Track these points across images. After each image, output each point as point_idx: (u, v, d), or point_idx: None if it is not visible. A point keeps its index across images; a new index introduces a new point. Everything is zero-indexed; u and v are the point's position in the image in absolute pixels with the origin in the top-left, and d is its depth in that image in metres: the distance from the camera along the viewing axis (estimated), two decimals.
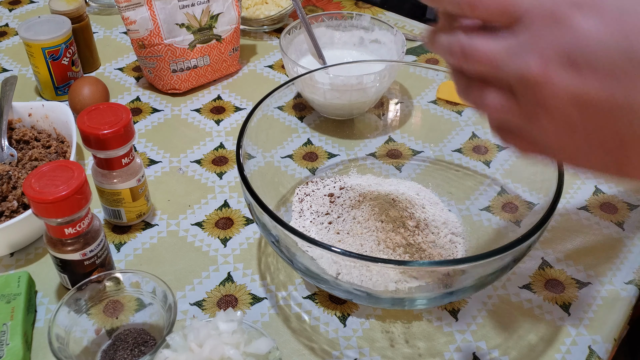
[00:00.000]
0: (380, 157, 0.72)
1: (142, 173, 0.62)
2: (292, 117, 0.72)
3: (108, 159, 0.59)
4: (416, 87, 0.74)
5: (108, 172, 0.60)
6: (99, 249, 0.55)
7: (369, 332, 0.55)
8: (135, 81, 0.88)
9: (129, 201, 0.62)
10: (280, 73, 0.89)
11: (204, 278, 0.60)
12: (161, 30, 0.79)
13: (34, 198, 0.49)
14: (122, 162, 0.59)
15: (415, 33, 0.98)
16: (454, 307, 0.57)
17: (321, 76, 0.69)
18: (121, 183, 0.60)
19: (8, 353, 0.50)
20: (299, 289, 0.59)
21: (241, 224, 0.66)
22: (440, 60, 0.91)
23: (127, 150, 0.59)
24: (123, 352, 0.51)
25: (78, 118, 0.58)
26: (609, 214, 0.66)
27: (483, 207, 0.64)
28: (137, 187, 0.62)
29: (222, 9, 0.83)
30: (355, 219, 0.59)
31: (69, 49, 0.80)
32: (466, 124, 0.70)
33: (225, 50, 0.85)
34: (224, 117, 0.81)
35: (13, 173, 0.64)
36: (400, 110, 0.75)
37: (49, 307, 0.58)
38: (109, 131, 0.56)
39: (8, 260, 0.62)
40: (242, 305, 0.58)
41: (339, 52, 0.84)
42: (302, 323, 0.56)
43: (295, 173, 0.69)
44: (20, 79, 0.87)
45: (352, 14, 0.84)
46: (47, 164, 0.52)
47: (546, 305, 0.57)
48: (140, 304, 0.53)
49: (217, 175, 0.72)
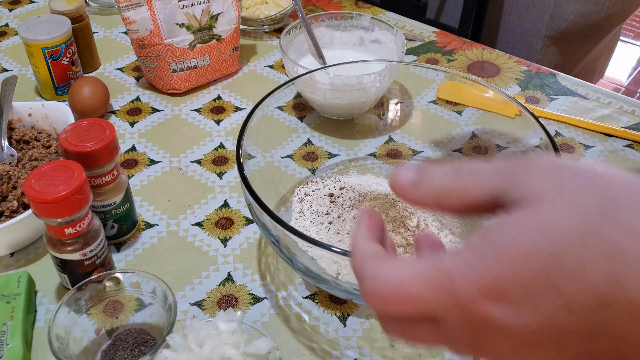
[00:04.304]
0: (380, 157, 0.72)
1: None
2: (292, 117, 0.72)
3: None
4: (416, 87, 0.74)
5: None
6: (99, 249, 0.55)
7: (369, 332, 0.55)
8: (135, 81, 0.88)
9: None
10: (280, 73, 0.89)
11: (204, 278, 0.60)
12: (161, 30, 0.79)
13: (34, 198, 0.49)
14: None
15: (415, 33, 0.98)
16: None
17: (321, 76, 0.69)
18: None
19: (8, 353, 0.50)
20: (299, 289, 0.59)
21: (241, 224, 0.66)
22: (441, 60, 0.91)
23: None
24: (123, 352, 0.51)
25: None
26: None
27: None
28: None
29: (222, 9, 0.83)
30: (356, 219, 0.59)
31: (69, 49, 0.80)
32: (466, 124, 0.70)
33: (225, 50, 0.85)
34: (224, 117, 0.81)
35: (13, 173, 0.64)
36: (400, 110, 0.75)
37: (49, 307, 0.58)
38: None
39: (8, 260, 0.62)
40: (242, 305, 0.58)
41: (339, 52, 0.84)
42: (302, 323, 0.56)
43: (295, 173, 0.69)
44: (20, 79, 0.87)
45: (352, 14, 0.84)
46: (47, 164, 0.52)
47: None
48: (140, 304, 0.53)
49: (217, 175, 0.72)
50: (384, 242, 0.33)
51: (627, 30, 2.60)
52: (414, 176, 0.30)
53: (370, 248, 0.30)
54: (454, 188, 0.29)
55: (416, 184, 0.30)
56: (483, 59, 0.91)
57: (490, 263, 0.25)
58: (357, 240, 0.31)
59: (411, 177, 0.30)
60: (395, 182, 0.31)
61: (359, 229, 0.32)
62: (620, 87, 2.36)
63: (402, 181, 0.30)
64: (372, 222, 0.32)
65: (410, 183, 0.30)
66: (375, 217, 0.33)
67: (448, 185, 0.29)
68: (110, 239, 0.62)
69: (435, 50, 0.93)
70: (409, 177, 0.30)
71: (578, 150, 0.75)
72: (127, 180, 0.61)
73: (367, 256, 0.30)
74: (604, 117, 0.80)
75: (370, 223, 0.32)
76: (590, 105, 0.82)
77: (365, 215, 0.33)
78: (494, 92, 0.63)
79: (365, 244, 0.31)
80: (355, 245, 0.31)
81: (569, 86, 0.85)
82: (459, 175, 0.29)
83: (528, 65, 0.90)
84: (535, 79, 0.87)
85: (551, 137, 0.55)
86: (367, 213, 0.33)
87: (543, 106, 0.82)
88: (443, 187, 0.29)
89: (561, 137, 0.77)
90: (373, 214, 0.33)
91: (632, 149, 0.75)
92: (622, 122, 0.79)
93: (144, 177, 0.71)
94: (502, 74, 0.88)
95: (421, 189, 0.30)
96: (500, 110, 0.65)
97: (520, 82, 0.86)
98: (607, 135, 0.77)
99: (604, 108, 0.81)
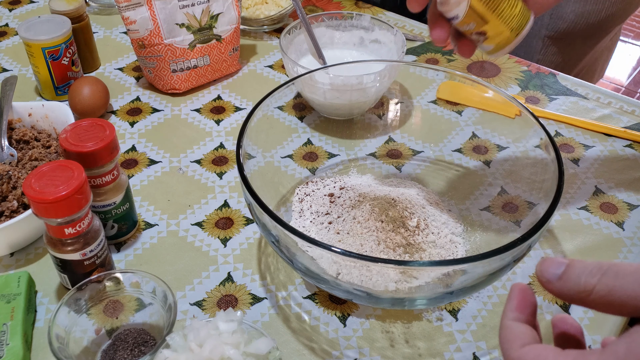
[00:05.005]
0: (380, 157, 0.72)
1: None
2: (292, 117, 0.72)
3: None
4: (416, 87, 0.74)
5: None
6: (99, 249, 0.55)
7: (369, 332, 0.55)
8: (135, 81, 0.88)
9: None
10: (280, 73, 0.89)
11: (204, 278, 0.60)
12: (161, 30, 0.79)
13: (34, 198, 0.49)
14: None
15: (416, 33, 0.98)
16: (454, 307, 0.57)
17: (321, 76, 0.69)
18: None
19: (8, 353, 0.50)
20: (299, 289, 0.59)
21: (241, 224, 0.66)
22: (441, 60, 0.91)
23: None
24: (123, 352, 0.51)
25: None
26: (609, 214, 0.66)
27: (483, 207, 0.64)
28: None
29: (222, 9, 0.83)
30: (355, 219, 0.59)
31: (69, 49, 0.80)
32: (466, 124, 0.70)
33: (225, 50, 0.85)
34: (224, 117, 0.81)
35: (13, 173, 0.64)
36: (400, 110, 0.75)
37: (49, 307, 0.58)
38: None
39: (8, 260, 0.62)
40: (242, 305, 0.58)
41: (339, 52, 0.84)
42: (302, 323, 0.56)
43: (295, 173, 0.69)
44: (20, 79, 0.87)
45: (352, 14, 0.84)
46: (47, 164, 0.52)
47: (546, 304, 0.57)
48: (140, 304, 0.53)
49: (217, 175, 0.72)
50: (534, 320, 0.35)
51: (627, 30, 2.61)
52: (559, 270, 0.33)
53: (518, 329, 0.34)
54: (597, 288, 0.31)
55: (561, 277, 0.33)
56: (483, 59, 0.91)
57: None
58: (506, 317, 0.35)
59: (557, 271, 0.33)
60: (541, 272, 0.34)
61: (509, 305, 0.35)
62: (620, 87, 2.36)
63: (547, 273, 0.33)
64: (523, 299, 0.35)
65: (555, 276, 0.33)
66: (527, 295, 0.35)
67: (591, 283, 0.31)
68: (110, 239, 0.62)
69: (435, 50, 0.93)
70: (554, 270, 0.33)
71: (578, 150, 0.75)
72: (127, 180, 0.61)
73: (513, 337, 0.33)
74: (604, 117, 0.80)
75: (520, 301, 0.35)
76: (590, 105, 0.82)
77: (517, 292, 0.36)
78: (494, 92, 0.63)
79: (513, 323, 0.34)
80: (503, 322, 0.35)
81: (569, 86, 0.85)
82: (602, 275, 0.31)
83: (528, 65, 0.90)
84: (535, 79, 0.87)
85: (551, 137, 0.55)
86: (520, 290, 0.35)
87: (543, 106, 0.82)
88: (586, 285, 0.31)
89: (561, 137, 0.77)
90: (526, 291, 0.36)
91: (632, 149, 0.75)
92: (622, 122, 0.79)
93: (144, 177, 0.71)
94: (502, 74, 0.88)
95: (565, 284, 0.33)
96: (500, 110, 0.65)
97: (520, 82, 0.86)
98: (607, 135, 0.77)
99: (604, 108, 0.81)
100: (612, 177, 0.71)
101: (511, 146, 0.65)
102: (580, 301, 0.32)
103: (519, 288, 0.35)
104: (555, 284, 0.33)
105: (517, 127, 0.62)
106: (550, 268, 0.33)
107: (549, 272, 0.33)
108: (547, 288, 0.34)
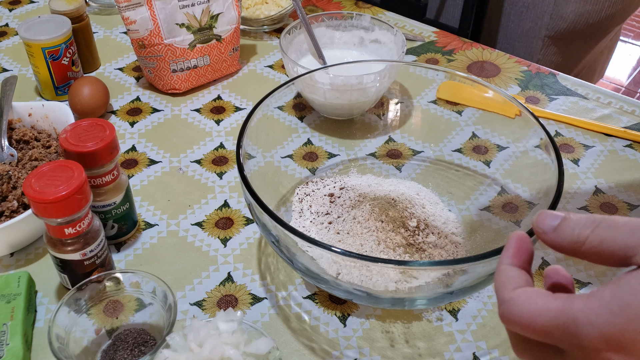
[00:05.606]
0: (380, 157, 0.72)
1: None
2: (292, 117, 0.72)
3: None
4: (416, 87, 0.74)
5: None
6: (99, 249, 0.55)
7: (369, 332, 0.55)
8: (135, 81, 0.88)
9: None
10: (280, 73, 0.89)
11: (204, 278, 0.60)
12: (161, 30, 0.79)
13: (34, 198, 0.49)
14: None
15: (416, 33, 0.98)
16: (454, 307, 0.57)
17: (321, 76, 0.69)
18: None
19: (8, 353, 0.50)
20: (299, 289, 0.59)
21: (241, 224, 0.66)
22: (441, 60, 0.91)
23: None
24: (123, 352, 0.51)
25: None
26: (609, 213, 0.66)
27: (483, 207, 0.64)
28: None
29: (222, 9, 0.83)
30: (355, 219, 0.59)
31: (69, 49, 0.80)
32: (466, 124, 0.70)
33: (225, 50, 0.85)
34: (224, 117, 0.81)
35: (13, 173, 0.64)
36: (400, 110, 0.75)
37: (49, 307, 0.58)
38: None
39: (8, 260, 0.62)
40: (242, 305, 0.58)
41: (339, 52, 0.84)
42: (302, 323, 0.56)
43: (295, 173, 0.69)
44: (20, 79, 0.87)
45: (352, 14, 0.84)
46: (47, 164, 0.52)
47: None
48: (140, 304, 0.53)
49: (217, 175, 0.72)
50: (529, 267, 0.36)
51: (627, 30, 2.60)
52: (555, 222, 0.34)
53: (512, 273, 0.35)
54: (590, 239, 0.32)
55: (556, 229, 0.34)
56: (483, 59, 0.91)
57: (616, 317, 0.29)
58: (502, 262, 0.36)
59: (553, 222, 0.34)
60: (537, 223, 0.35)
61: (506, 252, 0.36)
62: (620, 87, 2.36)
63: (543, 225, 0.34)
64: (520, 247, 0.36)
65: (551, 227, 0.34)
66: (524, 243, 0.36)
67: (584, 235, 0.32)
68: (110, 239, 0.62)
69: (435, 50, 0.93)
70: (550, 222, 0.34)
71: (578, 150, 0.75)
72: (127, 180, 0.61)
73: (507, 280, 0.34)
74: (604, 117, 0.80)
75: (517, 248, 0.36)
76: (590, 105, 0.82)
77: (515, 239, 0.36)
78: (494, 92, 0.63)
79: (508, 267, 0.35)
80: (498, 266, 0.36)
81: (569, 86, 0.85)
82: (596, 227, 0.32)
83: (528, 65, 0.90)
84: (535, 79, 0.87)
85: (551, 137, 0.55)
86: (518, 238, 0.36)
87: (543, 106, 0.82)
88: (579, 236, 0.32)
89: (561, 137, 0.77)
90: (524, 240, 0.36)
91: (632, 149, 0.75)
92: (622, 122, 0.79)
93: (144, 177, 0.71)
94: (502, 74, 0.88)
95: (560, 235, 0.34)
96: (500, 110, 0.65)
97: (520, 82, 0.86)
98: (607, 135, 0.77)
99: (604, 108, 0.81)
100: (612, 177, 0.71)
101: (511, 146, 0.65)
102: (574, 251, 0.33)
103: (517, 236, 0.36)
104: (550, 235, 0.34)
105: (517, 127, 0.62)
106: (547, 220, 0.34)
107: (545, 223, 0.34)
108: (542, 239, 0.35)
